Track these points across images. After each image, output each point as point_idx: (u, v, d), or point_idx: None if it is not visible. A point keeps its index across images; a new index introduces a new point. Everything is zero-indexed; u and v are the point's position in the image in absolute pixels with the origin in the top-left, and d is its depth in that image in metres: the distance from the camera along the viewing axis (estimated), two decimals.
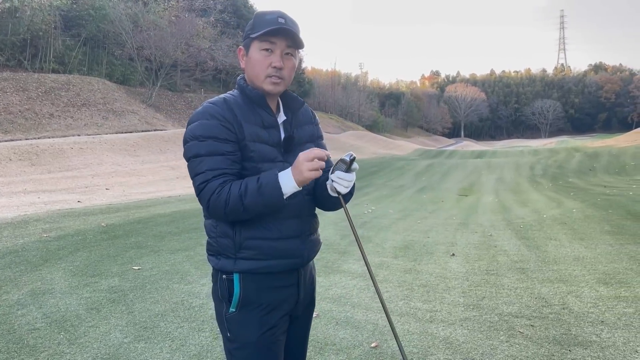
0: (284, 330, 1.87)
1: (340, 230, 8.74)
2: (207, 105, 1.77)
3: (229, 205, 1.64)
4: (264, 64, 1.78)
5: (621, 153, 31.80)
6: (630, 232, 8.02)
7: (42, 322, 4.09)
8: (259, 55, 1.78)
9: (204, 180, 1.67)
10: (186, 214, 10.17)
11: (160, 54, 33.72)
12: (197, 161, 1.69)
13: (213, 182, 1.66)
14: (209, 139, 1.69)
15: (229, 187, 1.65)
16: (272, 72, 1.78)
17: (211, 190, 1.65)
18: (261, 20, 1.77)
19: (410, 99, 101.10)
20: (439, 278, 5.66)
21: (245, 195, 1.63)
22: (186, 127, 1.78)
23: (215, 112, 1.73)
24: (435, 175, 27.16)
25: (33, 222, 8.55)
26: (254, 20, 1.80)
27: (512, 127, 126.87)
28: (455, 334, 3.90)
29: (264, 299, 1.79)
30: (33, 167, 17.41)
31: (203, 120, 1.72)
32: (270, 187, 1.64)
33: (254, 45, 1.78)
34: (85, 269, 5.77)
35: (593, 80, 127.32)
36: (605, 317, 4.17)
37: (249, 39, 1.80)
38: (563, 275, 5.60)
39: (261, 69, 1.78)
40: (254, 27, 1.78)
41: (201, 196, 1.68)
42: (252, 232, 1.75)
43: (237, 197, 1.63)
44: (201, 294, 4.94)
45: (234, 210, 1.65)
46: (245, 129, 1.74)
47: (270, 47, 1.77)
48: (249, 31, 1.80)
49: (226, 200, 1.64)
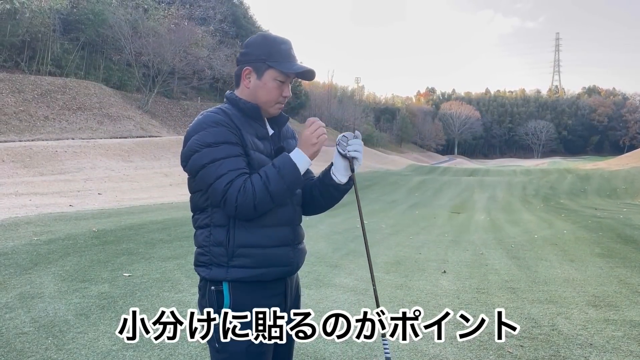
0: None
1: (332, 244, 8.74)
2: (209, 115, 1.80)
3: (257, 197, 1.68)
4: (276, 93, 1.87)
5: (612, 176, 32.08)
6: (620, 256, 8.08)
7: (31, 326, 4.06)
8: (274, 84, 1.85)
9: (229, 181, 1.68)
10: (178, 222, 10.13)
11: (158, 60, 33.79)
12: (216, 165, 1.70)
13: (237, 181, 1.69)
14: (222, 144, 1.73)
15: (250, 182, 1.70)
16: (282, 101, 1.89)
17: (236, 189, 1.68)
18: (277, 49, 1.85)
19: (405, 115, 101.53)
20: (430, 295, 5.66)
21: (269, 182, 1.69)
22: (187, 139, 1.78)
23: (220, 120, 1.77)
24: (428, 191, 27.25)
25: (24, 225, 8.49)
26: (269, 47, 1.85)
27: (505, 146, 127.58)
28: (445, 352, 3.91)
29: (253, 308, 1.80)
30: (26, 169, 17.31)
31: (210, 128, 1.75)
32: (288, 167, 1.73)
33: (270, 73, 1.85)
34: (75, 274, 5.73)
35: (586, 103, 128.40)
36: (594, 340, 4.19)
37: (264, 64, 1.84)
38: (553, 297, 5.62)
39: (273, 97, 1.87)
40: (270, 55, 1.84)
41: (227, 197, 1.68)
42: (245, 240, 1.78)
43: (263, 187, 1.69)
44: (192, 303, 4.91)
45: (263, 201, 1.69)
46: (245, 138, 1.79)
47: (286, 80, 1.87)
48: (264, 57, 1.84)
49: (253, 194, 1.68)
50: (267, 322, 1.83)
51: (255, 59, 1.86)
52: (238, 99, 1.88)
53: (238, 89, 1.93)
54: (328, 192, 1.98)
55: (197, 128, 1.77)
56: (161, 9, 39.69)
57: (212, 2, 44.04)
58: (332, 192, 1.98)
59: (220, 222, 1.78)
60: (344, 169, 1.91)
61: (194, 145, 1.74)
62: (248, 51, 1.88)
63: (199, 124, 1.77)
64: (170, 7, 40.34)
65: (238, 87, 1.93)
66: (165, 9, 39.77)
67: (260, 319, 1.81)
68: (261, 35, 1.93)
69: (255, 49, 1.86)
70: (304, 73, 1.86)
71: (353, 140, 1.89)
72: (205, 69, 38.61)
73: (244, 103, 1.86)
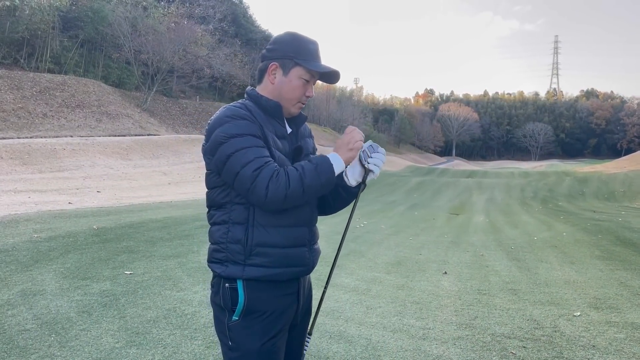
0: (285, 339, 1.89)
1: (334, 244, 8.71)
2: (232, 108, 1.79)
3: (290, 187, 1.67)
4: (300, 92, 1.88)
5: (610, 179, 32.14)
6: (619, 258, 8.09)
7: (33, 323, 4.04)
8: (299, 82, 1.86)
9: (258, 167, 1.67)
10: (178, 220, 10.11)
11: (158, 59, 33.79)
12: (242, 153, 1.68)
13: (267, 168, 1.68)
14: (246, 135, 1.72)
15: (285, 171, 1.69)
16: (304, 100, 1.90)
17: (268, 175, 1.66)
18: (306, 48, 1.86)
19: (404, 116, 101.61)
20: (431, 295, 5.66)
21: (304, 176, 1.69)
22: (210, 132, 1.76)
23: (243, 114, 1.76)
24: (427, 192, 27.27)
25: (23, 222, 8.47)
26: (297, 45, 1.86)
27: (503, 148, 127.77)
28: (449, 353, 3.91)
29: (267, 307, 1.80)
30: (24, 166, 17.27)
31: (233, 121, 1.74)
32: (325, 166, 1.74)
33: (297, 70, 1.85)
34: (76, 272, 5.71)
35: (584, 106, 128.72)
36: (596, 342, 4.19)
37: (291, 61, 1.84)
38: (554, 298, 5.63)
39: (297, 95, 1.88)
40: (299, 53, 1.84)
41: (257, 183, 1.66)
42: (263, 239, 1.76)
43: (298, 179, 1.68)
44: (194, 301, 4.90)
45: (295, 191, 1.68)
46: (267, 135, 1.78)
47: (311, 80, 1.88)
48: (292, 54, 1.84)
49: (286, 183, 1.67)
50: (280, 321, 1.83)
51: (283, 55, 1.85)
52: (260, 96, 1.86)
53: (260, 85, 1.91)
54: (337, 191, 1.97)
55: (220, 121, 1.75)
56: (161, 7, 39.73)
57: (211, 1, 44.05)
58: (340, 192, 1.97)
59: (239, 220, 1.77)
60: (358, 174, 1.90)
61: (219, 138, 1.72)
62: (276, 47, 1.87)
63: (222, 117, 1.76)
64: (170, 5, 40.39)
65: (261, 83, 1.91)
66: (165, 8, 39.79)
67: (274, 318, 1.81)
68: (290, 33, 1.91)
69: (284, 46, 1.86)
70: (329, 74, 1.88)
71: (377, 154, 1.90)
72: (205, 68, 38.64)
73: (266, 100, 1.85)
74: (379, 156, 1.90)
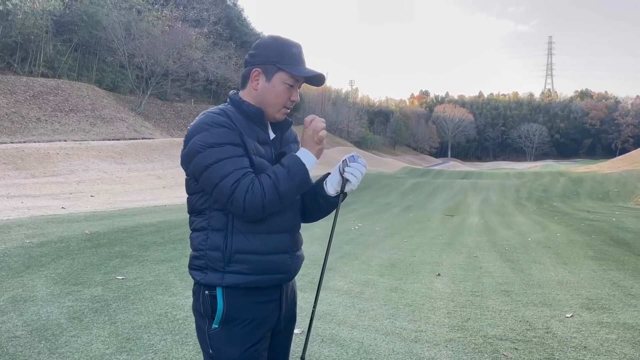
0: (266, 347, 1.87)
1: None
2: (211, 115, 1.74)
3: (266, 197, 1.65)
4: (285, 97, 1.83)
5: (605, 179, 32.26)
6: (613, 259, 8.11)
7: (23, 330, 4.02)
8: (283, 87, 1.82)
9: (235, 180, 1.65)
10: (171, 224, 10.09)
11: (152, 62, 33.72)
12: (220, 165, 1.66)
13: (244, 180, 1.66)
14: (225, 144, 1.68)
15: (259, 181, 1.67)
16: (289, 105, 1.85)
17: (244, 188, 1.65)
18: (289, 52, 1.82)
19: (399, 118, 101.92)
20: (424, 298, 5.66)
21: (278, 182, 1.67)
22: (188, 139, 1.73)
23: (222, 121, 1.72)
24: (422, 194, 27.30)
25: (15, 227, 8.42)
26: (280, 49, 1.82)
27: (499, 149, 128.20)
28: (440, 355, 3.90)
29: (247, 314, 1.78)
30: (17, 171, 17.19)
31: (212, 129, 1.70)
32: (297, 167, 1.72)
33: (280, 75, 1.81)
34: (67, 277, 5.69)
35: (579, 106, 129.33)
36: (588, 343, 4.20)
37: (274, 66, 1.80)
38: (547, 299, 5.64)
39: (281, 101, 1.83)
40: (282, 57, 1.80)
41: (235, 197, 1.65)
42: (243, 246, 1.74)
43: (272, 187, 1.67)
44: (185, 306, 4.88)
45: (272, 200, 1.67)
46: (247, 142, 1.75)
47: (295, 84, 1.83)
48: (274, 59, 1.80)
49: (262, 193, 1.65)
50: (262, 329, 1.82)
51: (265, 60, 1.81)
52: (242, 102, 1.83)
53: (244, 91, 1.87)
54: (316, 200, 1.94)
55: (198, 128, 1.71)
56: (155, 10, 39.63)
57: (206, 4, 44.01)
58: (319, 201, 1.94)
59: (218, 226, 1.75)
60: (337, 183, 1.88)
61: (197, 146, 1.69)
62: (258, 52, 1.84)
63: (200, 124, 1.72)
64: (164, 8, 40.32)
65: (244, 88, 1.87)
66: (159, 11, 39.73)
67: (255, 325, 1.80)
68: (272, 37, 1.87)
69: (265, 51, 1.82)
70: (313, 78, 1.83)
71: (355, 163, 1.86)
72: (199, 71, 38.56)
73: (248, 106, 1.81)
74: (356, 165, 1.85)
